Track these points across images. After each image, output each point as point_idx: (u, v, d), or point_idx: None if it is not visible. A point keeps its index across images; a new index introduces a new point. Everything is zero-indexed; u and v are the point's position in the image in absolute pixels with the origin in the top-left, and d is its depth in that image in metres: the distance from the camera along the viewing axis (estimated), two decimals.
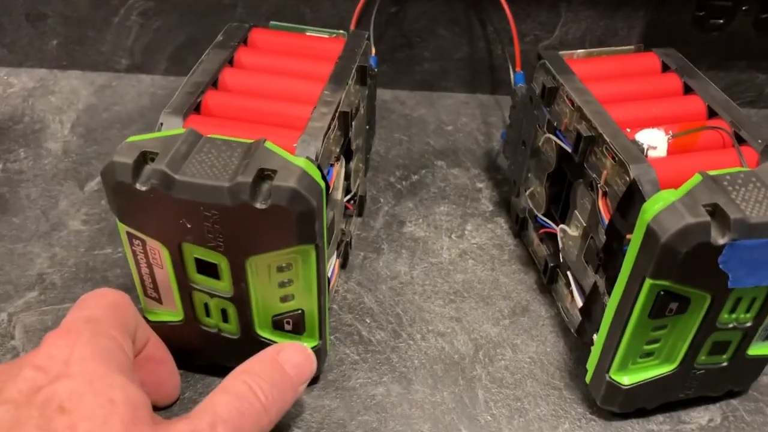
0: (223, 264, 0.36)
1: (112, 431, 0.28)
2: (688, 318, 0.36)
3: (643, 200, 0.35)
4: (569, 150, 0.42)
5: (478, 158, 0.61)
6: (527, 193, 0.51)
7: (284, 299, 0.38)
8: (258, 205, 0.33)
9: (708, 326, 0.37)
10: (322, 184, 0.35)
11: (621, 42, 0.62)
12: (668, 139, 0.39)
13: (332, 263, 0.45)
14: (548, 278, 0.48)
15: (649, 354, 0.38)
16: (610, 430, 0.41)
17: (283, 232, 0.34)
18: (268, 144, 0.35)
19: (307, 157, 0.36)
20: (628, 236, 0.36)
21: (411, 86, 0.67)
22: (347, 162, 0.47)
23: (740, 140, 0.39)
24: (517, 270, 0.51)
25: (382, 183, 0.58)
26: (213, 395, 0.33)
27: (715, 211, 0.33)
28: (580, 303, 0.44)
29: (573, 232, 0.44)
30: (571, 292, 0.45)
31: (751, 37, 0.60)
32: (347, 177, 0.48)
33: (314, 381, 0.43)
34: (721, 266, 0.33)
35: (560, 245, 0.46)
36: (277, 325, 0.39)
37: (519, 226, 0.53)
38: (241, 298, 0.38)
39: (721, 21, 0.60)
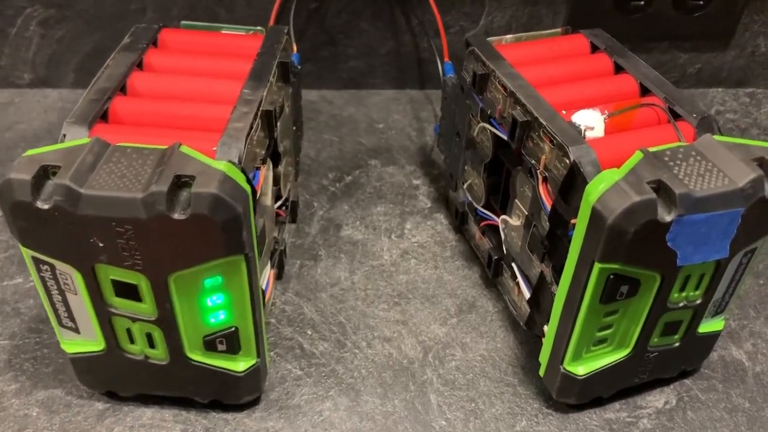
0: (143, 284, 0.33)
1: None
2: (639, 300, 0.35)
3: (585, 182, 0.33)
4: (505, 137, 0.41)
5: (413, 155, 0.59)
6: (465, 185, 0.49)
7: (215, 317, 0.35)
8: (176, 216, 0.30)
9: (659, 307, 0.36)
10: (248, 188, 0.32)
11: (547, 28, 0.61)
12: (604, 118, 0.38)
13: (266, 274, 0.42)
14: (493, 271, 0.46)
15: (602, 341, 0.37)
16: (568, 422, 0.40)
17: (207, 244, 0.31)
18: (184, 148, 0.32)
19: (230, 161, 0.33)
20: (572, 221, 0.35)
21: (337, 85, 0.65)
22: (275, 166, 0.45)
23: (675, 116, 0.38)
24: (461, 266, 0.49)
25: (314, 186, 0.55)
26: None
27: (660, 187, 0.32)
28: (527, 294, 0.42)
29: (515, 221, 0.43)
30: (518, 284, 0.44)
31: (671, 18, 0.61)
32: (276, 182, 0.45)
33: (255, 402, 0.40)
34: (669, 244, 0.32)
35: (503, 236, 0.45)
36: (210, 345, 0.36)
37: (459, 221, 0.51)
38: (166, 320, 0.34)
39: (642, 2, 0.60)
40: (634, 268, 0.33)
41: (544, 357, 0.39)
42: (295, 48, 0.50)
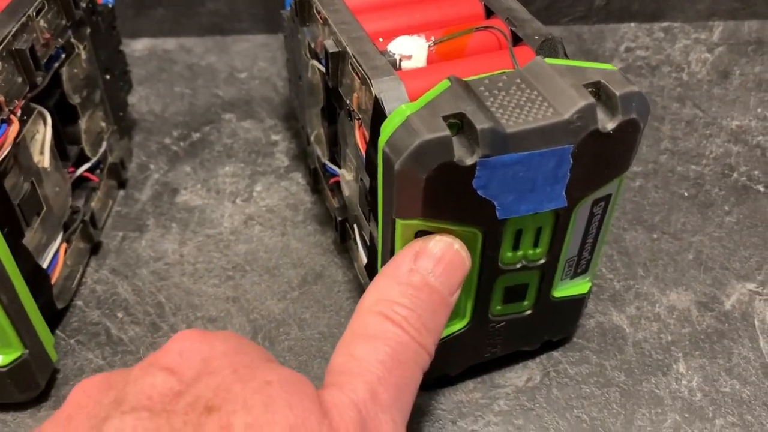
0: None
1: (278, 417, 0.20)
2: None
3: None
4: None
5: (276, 107, 0.52)
6: (313, 137, 0.43)
7: None
8: None
9: (490, 269, 0.30)
10: None
11: None
12: (429, 46, 0.31)
13: (53, 249, 0.35)
14: (340, 235, 0.40)
15: None
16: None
17: None
18: None
19: None
20: None
21: (199, 32, 0.58)
22: (71, 121, 0.38)
23: (518, 40, 0.32)
24: (313, 231, 0.43)
25: (154, 147, 0.48)
26: (350, 346, 0.24)
27: (462, 122, 0.25)
28: (364, 260, 0.36)
29: (348, 175, 0.36)
30: (359, 248, 0.37)
31: None
32: (74, 140, 0.38)
33: (43, 397, 0.34)
34: (479, 192, 0.26)
35: (345, 193, 0.39)
36: None
37: (314, 179, 0.44)
38: None
39: None
40: (444, 224, 0.27)
41: None
42: None
